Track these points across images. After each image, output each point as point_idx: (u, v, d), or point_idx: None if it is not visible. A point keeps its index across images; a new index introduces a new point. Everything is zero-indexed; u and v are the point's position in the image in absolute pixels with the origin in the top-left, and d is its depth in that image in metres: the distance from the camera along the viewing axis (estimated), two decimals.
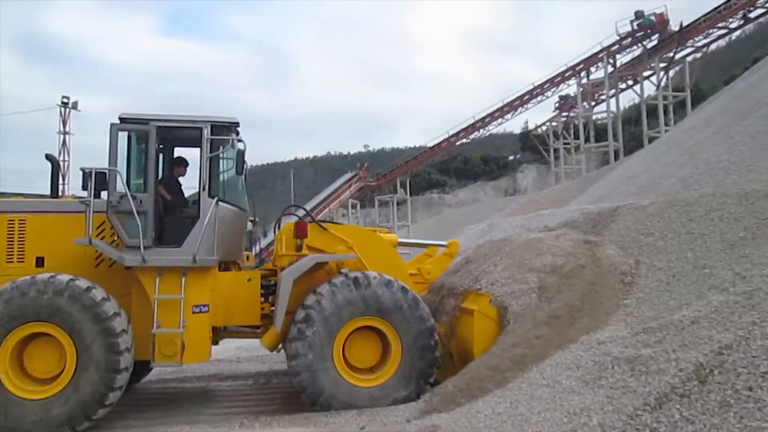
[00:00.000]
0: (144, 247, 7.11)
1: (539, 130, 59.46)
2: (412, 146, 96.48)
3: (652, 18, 39.89)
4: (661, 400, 4.31)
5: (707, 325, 5.04)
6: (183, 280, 7.22)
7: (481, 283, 7.84)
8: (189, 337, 7.19)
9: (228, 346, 13.10)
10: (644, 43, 40.70)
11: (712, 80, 55.79)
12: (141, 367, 8.49)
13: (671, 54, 39.50)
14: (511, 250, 8.35)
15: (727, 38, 46.71)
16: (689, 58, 41.12)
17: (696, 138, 14.86)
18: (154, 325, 7.03)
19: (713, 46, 44.28)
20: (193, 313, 7.32)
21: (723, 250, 6.60)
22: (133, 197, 7.18)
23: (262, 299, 8.13)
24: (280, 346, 7.98)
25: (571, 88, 47.48)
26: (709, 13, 36.85)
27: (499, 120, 51.05)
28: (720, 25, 37.10)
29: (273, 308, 7.82)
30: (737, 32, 45.08)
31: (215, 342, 8.16)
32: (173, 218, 7.67)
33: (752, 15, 36.53)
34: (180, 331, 7.08)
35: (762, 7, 35.12)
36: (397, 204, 57.09)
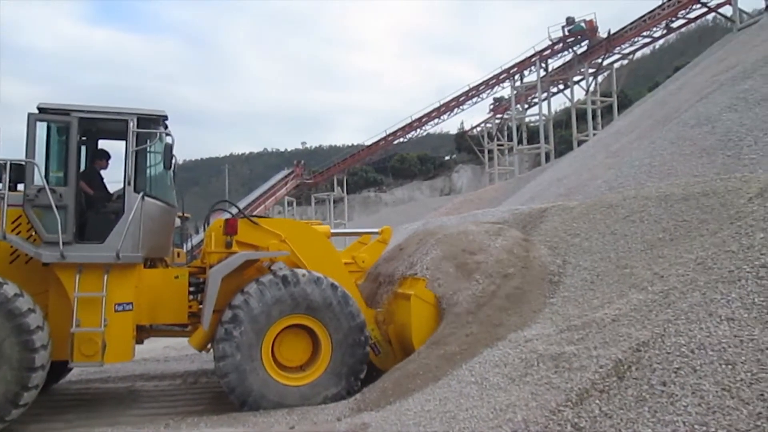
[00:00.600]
0: (63, 243, 6.80)
1: (474, 131, 60.48)
2: (350, 144, 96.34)
3: (583, 25, 41.18)
4: (582, 396, 4.43)
5: (627, 323, 5.22)
6: (105, 277, 6.94)
7: (416, 268, 7.91)
8: (111, 337, 6.92)
9: (156, 345, 12.75)
10: (575, 48, 42.00)
11: (638, 86, 58.15)
12: (60, 368, 8.14)
13: (600, 60, 40.98)
14: (445, 237, 8.46)
15: (651, 47, 48.92)
16: (616, 65, 42.84)
17: (621, 142, 15.47)
18: (73, 323, 6.74)
19: (639, 54, 46.37)
20: (116, 311, 7.06)
21: (643, 250, 6.86)
22: (53, 191, 6.86)
23: (191, 297, 7.92)
24: (209, 345, 7.80)
25: (505, 90, 48.58)
26: (634, 21, 38.40)
27: (436, 120, 51.70)
28: (645, 33, 38.73)
29: (201, 306, 7.64)
30: (660, 41, 47.30)
31: (140, 341, 7.91)
32: (96, 213, 7.38)
33: (674, 25, 38.36)
34: (101, 330, 6.81)
35: (683, 18, 36.89)
36: (334, 202, 56.97)
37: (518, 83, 45.51)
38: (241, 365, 6.93)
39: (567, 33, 41.66)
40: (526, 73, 44.95)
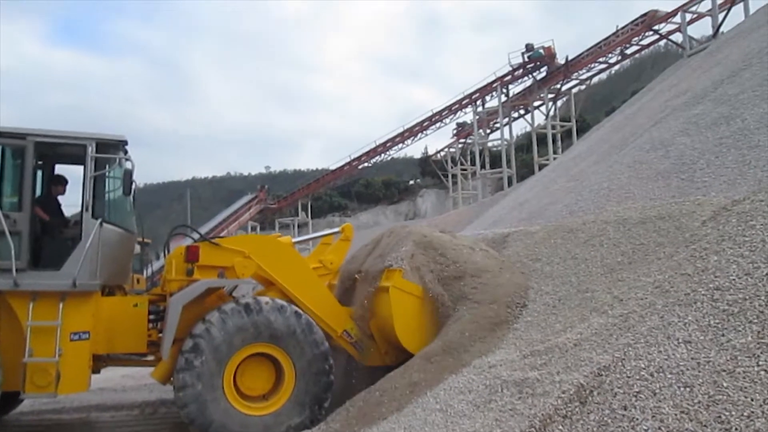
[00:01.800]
0: (17, 270, 6.61)
1: (438, 155, 61.04)
2: (314, 168, 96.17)
3: (541, 51, 42.17)
4: (545, 422, 4.44)
5: (588, 348, 5.27)
6: (61, 305, 6.76)
7: (390, 260, 7.87)
8: (65, 367, 6.72)
9: (113, 374, 12.40)
10: (534, 74, 42.94)
11: (595, 111, 59.64)
12: (10, 399, 7.85)
13: (558, 86, 41.98)
14: (416, 231, 8.56)
15: (607, 72, 50.38)
16: (574, 90, 43.88)
17: (580, 166, 15.77)
18: (26, 353, 6.51)
19: (596, 79, 47.67)
20: (72, 340, 6.87)
21: (603, 274, 6.97)
22: (6, 216, 6.70)
23: (150, 326, 7.74)
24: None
25: (467, 115, 49.28)
26: (590, 48, 39.54)
27: (400, 145, 52.11)
28: (601, 60, 39.88)
29: (161, 335, 7.46)
30: (616, 67, 48.68)
31: (97, 370, 7.68)
32: (51, 239, 7.21)
33: (628, 51, 39.64)
34: (55, 360, 6.60)
35: (636, 44, 38.15)
36: (298, 227, 56.63)
37: (480, 108, 46.24)
38: (201, 395, 6.76)
39: (526, 59, 42.57)
40: (487, 98, 45.73)
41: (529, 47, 42.66)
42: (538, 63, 42.44)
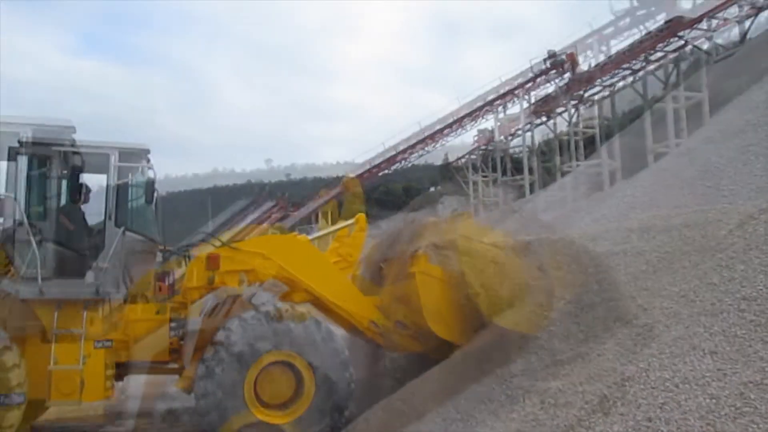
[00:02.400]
0: (42, 279, 6.69)
1: (459, 162, 60.79)
2: (334, 176, 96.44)
3: (563, 57, 41.83)
4: None
5: (611, 357, 5.20)
6: (85, 313, 6.83)
7: (414, 246, 7.83)
8: (89, 374, 6.78)
9: (136, 382, 12.48)
10: (557, 81, 42.58)
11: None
12: (35, 406, 7.94)
13: (581, 92, 41.54)
14: (437, 223, 8.51)
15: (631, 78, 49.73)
16: (597, 97, 43.40)
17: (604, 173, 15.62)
18: (51, 361, 6.59)
19: (620, 85, 47.07)
20: (95, 348, 6.93)
21: (627, 282, 6.87)
22: (32, 225, 6.78)
23: (173, 333, 7.78)
24: None
25: (488, 122, 49.00)
26: (615, 54, 39.12)
27: (420, 151, 51.95)
28: (624, 66, 39.42)
29: (183, 343, 7.50)
30: (640, 73, 48.09)
31: (119, 378, 7.74)
32: (76, 248, 7.27)
33: (653, 58, 39.09)
34: (79, 367, 6.67)
35: (661, 50, 37.66)
36: None
37: (501, 115, 45.99)
38: (222, 403, 6.79)
39: (549, 66, 42.26)
40: (509, 104, 45.47)
41: (551, 53, 42.33)
42: (561, 69, 42.08)
